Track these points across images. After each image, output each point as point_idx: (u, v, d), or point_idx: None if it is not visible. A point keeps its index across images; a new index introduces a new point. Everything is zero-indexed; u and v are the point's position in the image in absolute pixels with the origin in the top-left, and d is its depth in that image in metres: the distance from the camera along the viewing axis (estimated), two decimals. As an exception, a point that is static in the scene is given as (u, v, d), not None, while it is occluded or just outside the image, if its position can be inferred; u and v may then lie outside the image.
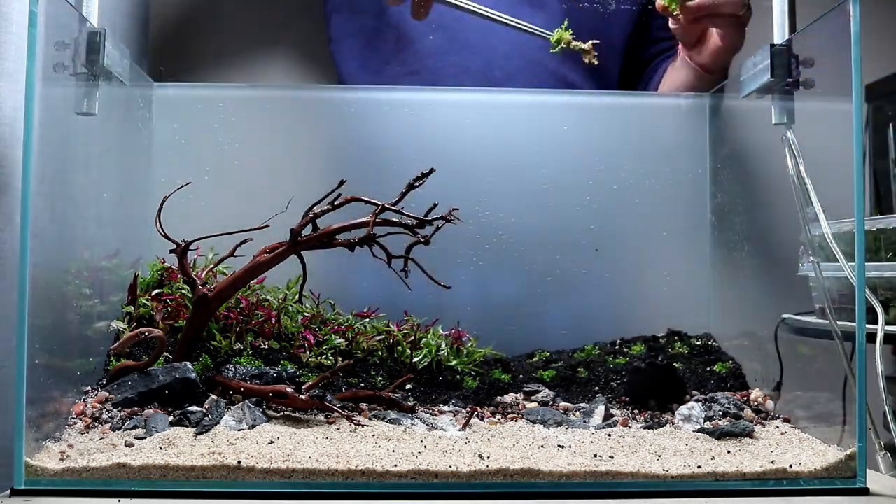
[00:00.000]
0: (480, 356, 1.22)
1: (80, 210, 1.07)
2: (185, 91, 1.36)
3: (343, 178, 1.02)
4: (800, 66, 1.09)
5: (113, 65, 1.08)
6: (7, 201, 1.04)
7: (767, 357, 1.16)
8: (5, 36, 1.05)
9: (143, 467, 0.83)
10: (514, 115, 1.37)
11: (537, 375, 1.19)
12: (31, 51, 0.87)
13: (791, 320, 1.14)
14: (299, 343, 1.16)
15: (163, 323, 1.13)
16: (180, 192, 1.07)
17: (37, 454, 0.86)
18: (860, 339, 0.90)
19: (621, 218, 1.36)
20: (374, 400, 1.06)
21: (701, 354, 1.25)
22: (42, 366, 0.89)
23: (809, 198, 1.05)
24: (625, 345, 1.30)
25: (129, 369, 1.03)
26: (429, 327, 1.21)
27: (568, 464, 0.86)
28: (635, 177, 1.36)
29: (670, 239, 1.36)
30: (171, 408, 0.98)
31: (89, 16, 1.06)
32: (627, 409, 1.10)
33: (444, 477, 0.84)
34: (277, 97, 1.36)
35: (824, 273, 1.04)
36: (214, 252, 1.19)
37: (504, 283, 1.34)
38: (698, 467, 0.87)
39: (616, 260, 1.36)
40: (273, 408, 1.01)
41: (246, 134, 1.33)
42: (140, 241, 1.24)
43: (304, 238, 1.04)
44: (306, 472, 0.84)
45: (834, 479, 0.88)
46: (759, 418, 1.07)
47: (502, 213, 1.34)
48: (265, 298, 1.19)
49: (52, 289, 0.96)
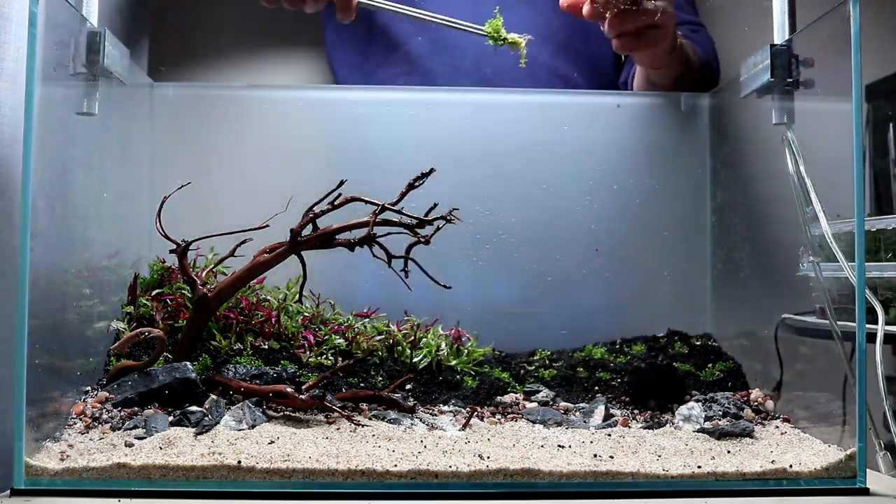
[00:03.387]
0: (480, 356, 1.22)
1: (80, 210, 1.07)
2: (184, 91, 1.36)
3: (343, 178, 1.02)
4: (800, 66, 1.09)
5: (113, 65, 1.08)
6: (7, 201, 1.04)
7: (767, 357, 1.16)
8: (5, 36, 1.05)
9: (143, 467, 0.83)
10: (514, 115, 1.38)
11: (538, 375, 1.19)
12: (31, 51, 0.87)
13: (791, 320, 1.14)
14: (299, 343, 1.16)
15: (163, 323, 1.13)
16: (180, 192, 1.07)
17: (37, 454, 0.86)
18: (860, 339, 0.90)
19: (621, 218, 1.36)
20: (374, 400, 1.06)
21: (701, 354, 1.25)
22: (42, 366, 0.89)
23: (809, 198, 1.05)
24: (625, 345, 1.30)
25: (129, 369, 1.03)
26: (429, 327, 1.21)
27: (568, 464, 0.86)
28: (635, 177, 1.36)
29: (670, 239, 1.36)
30: (171, 408, 0.98)
31: (89, 16, 1.06)
32: (627, 409, 1.10)
33: (444, 477, 0.84)
34: (277, 97, 1.36)
35: (824, 273, 1.04)
36: (214, 252, 1.19)
37: (504, 283, 1.34)
38: (698, 467, 0.87)
39: (616, 260, 1.36)
40: (273, 408, 1.01)
41: (246, 134, 1.33)
42: (140, 241, 1.25)
43: (304, 238, 1.04)
44: (306, 472, 0.84)
45: (834, 479, 0.88)
46: (759, 418, 1.07)
47: (502, 213, 1.34)
48: (265, 298, 1.19)
49: (52, 289, 0.96)
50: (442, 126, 1.35)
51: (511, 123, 1.37)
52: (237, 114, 1.33)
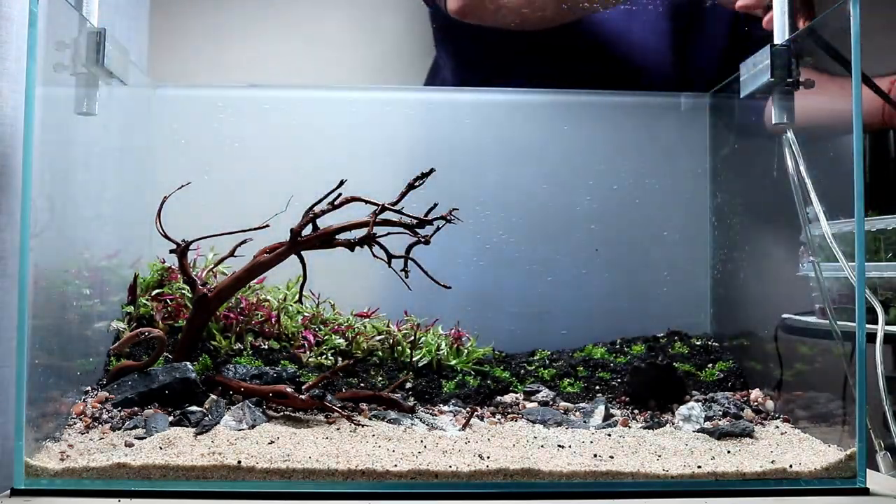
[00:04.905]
0: (480, 355, 1.22)
1: (80, 210, 1.07)
2: (185, 91, 1.36)
3: (343, 178, 1.02)
4: (800, 66, 1.09)
5: (113, 65, 1.08)
6: (7, 201, 1.04)
7: (767, 357, 1.16)
8: (5, 36, 1.05)
9: (143, 467, 0.83)
10: (514, 115, 1.37)
11: (538, 374, 1.19)
12: (31, 51, 0.87)
13: (791, 320, 1.14)
14: (299, 343, 1.16)
15: (163, 323, 1.14)
16: (180, 192, 1.07)
17: (37, 454, 0.86)
18: (860, 339, 0.90)
19: (621, 218, 1.36)
20: (374, 400, 1.06)
21: (701, 354, 1.25)
22: (42, 366, 0.89)
23: (809, 198, 1.05)
24: (625, 345, 1.30)
25: (129, 369, 1.03)
26: (429, 327, 1.21)
27: (568, 464, 0.86)
28: (635, 177, 1.36)
29: (670, 239, 1.36)
30: (171, 408, 0.98)
31: (89, 16, 1.06)
32: (627, 409, 1.10)
33: (444, 477, 0.84)
34: (277, 97, 1.36)
35: (824, 273, 1.04)
36: (214, 252, 1.19)
37: (504, 283, 1.34)
38: (698, 467, 0.87)
39: (616, 260, 1.36)
40: (273, 408, 1.01)
41: (246, 134, 1.33)
42: (140, 241, 1.25)
43: (304, 238, 1.04)
44: (306, 472, 0.84)
45: (834, 479, 0.88)
46: (759, 418, 1.07)
47: (502, 213, 1.34)
48: (265, 298, 1.19)
49: (52, 289, 0.96)
50: (442, 126, 1.35)
51: (511, 123, 1.37)
52: (237, 114, 1.33)
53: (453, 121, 1.36)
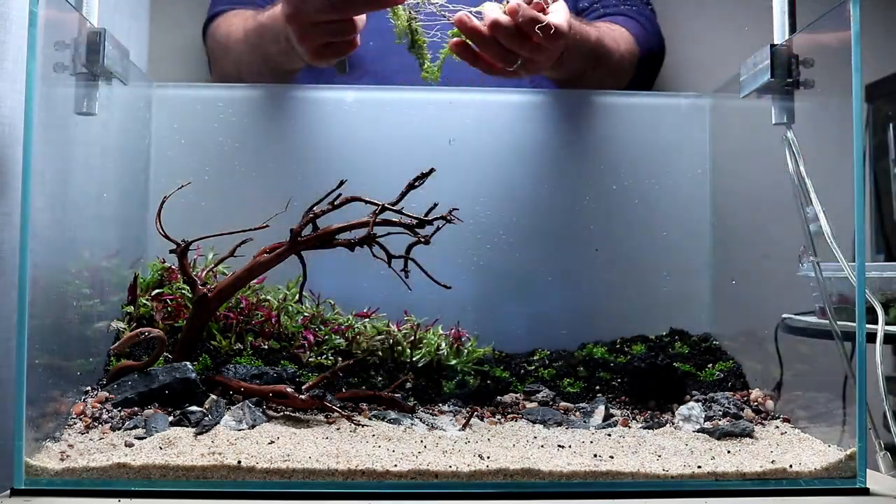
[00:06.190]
0: (480, 355, 1.22)
1: (80, 210, 1.07)
2: (184, 91, 1.36)
3: (343, 178, 1.02)
4: (800, 66, 1.09)
5: (113, 65, 1.08)
6: (7, 201, 1.04)
7: (767, 357, 1.16)
8: (5, 36, 1.05)
9: (143, 467, 0.83)
10: (513, 115, 1.37)
11: (538, 374, 1.19)
12: (31, 51, 0.87)
13: (791, 320, 1.14)
14: (299, 343, 1.16)
15: (163, 323, 1.13)
16: (180, 192, 1.07)
17: (37, 454, 0.86)
18: (860, 339, 0.90)
19: (621, 218, 1.36)
20: (374, 400, 1.06)
21: (701, 354, 1.25)
22: (42, 366, 0.89)
23: (809, 198, 1.05)
24: (625, 345, 1.30)
25: (129, 369, 1.03)
26: (429, 327, 1.21)
27: (568, 464, 0.86)
28: (635, 177, 1.36)
29: (670, 239, 1.36)
30: (171, 408, 0.98)
31: (89, 16, 1.06)
32: (627, 409, 1.10)
33: (444, 477, 0.84)
34: (277, 97, 1.36)
35: (824, 273, 1.04)
36: (214, 252, 1.19)
37: (504, 282, 1.34)
38: (698, 467, 0.87)
39: (616, 260, 1.36)
40: (273, 408, 1.01)
41: (246, 134, 1.33)
42: (140, 241, 1.25)
43: (304, 238, 1.04)
44: (306, 472, 0.84)
45: (834, 479, 0.88)
46: (759, 418, 1.07)
47: (502, 213, 1.34)
48: (265, 298, 1.19)
49: (52, 289, 0.96)
50: (442, 126, 1.35)
51: (511, 123, 1.37)
52: (237, 114, 1.33)
53: (453, 120, 1.35)
